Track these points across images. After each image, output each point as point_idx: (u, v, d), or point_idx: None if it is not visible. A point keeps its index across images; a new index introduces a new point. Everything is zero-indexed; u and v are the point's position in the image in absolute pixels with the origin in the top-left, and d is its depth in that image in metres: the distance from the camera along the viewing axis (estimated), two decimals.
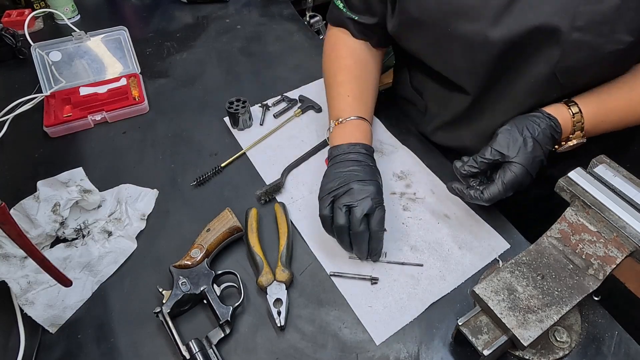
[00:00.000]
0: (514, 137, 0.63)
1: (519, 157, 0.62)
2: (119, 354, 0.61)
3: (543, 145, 0.64)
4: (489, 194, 0.64)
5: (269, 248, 0.71)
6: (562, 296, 0.54)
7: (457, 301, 0.64)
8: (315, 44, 1.15)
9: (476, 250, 0.70)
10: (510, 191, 0.63)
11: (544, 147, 0.64)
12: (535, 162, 0.63)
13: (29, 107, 0.92)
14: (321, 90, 0.99)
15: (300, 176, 0.82)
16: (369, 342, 0.61)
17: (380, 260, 0.69)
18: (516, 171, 0.62)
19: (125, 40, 1.04)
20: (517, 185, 0.63)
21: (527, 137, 0.63)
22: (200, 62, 1.10)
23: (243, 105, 0.89)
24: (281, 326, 0.61)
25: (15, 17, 1.19)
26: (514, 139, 0.63)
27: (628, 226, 0.53)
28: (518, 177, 0.62)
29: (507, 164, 0.63)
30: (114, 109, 0.93)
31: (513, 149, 0.63)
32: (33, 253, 0.55)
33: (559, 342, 0.57)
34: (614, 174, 0.59)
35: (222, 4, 1.30)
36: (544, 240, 0.60)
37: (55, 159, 0.87)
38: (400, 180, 0.80)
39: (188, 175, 0.82)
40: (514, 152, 0.63)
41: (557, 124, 0.64)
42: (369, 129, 0.76)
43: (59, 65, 1.00)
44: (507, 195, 0.64)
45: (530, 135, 0.63)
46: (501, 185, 0.63)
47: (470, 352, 0.57)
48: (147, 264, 0.70)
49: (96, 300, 0.66)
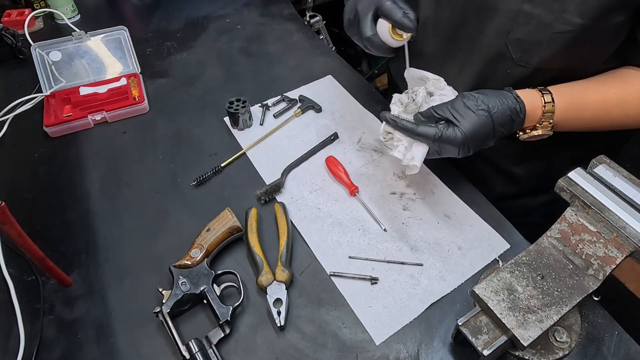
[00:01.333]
0: (468, 104, 0.62)
1: (464, 124, 0.61)
2: (119, 354, 0.61)
3: (497, 124, 0.61)
4: (423, 130, 0.62)
5: (269, 248, 0.71)
6: (562, 296, 0.54)
7: (457, 301, 0.64)
8: (315, 44, 1.15)
9: (476, 250, 0.70)
10: (440, 145, 0.62)
11: (497, 126, 0.61)
12: (478, 136, 0.61)
13: (29, 107, 0.92)
14: (321, 90, 0.99)
15: (300, 176, 0.82)
16: (369, 342, 0.61)
17: (381, 260, 0.69)
18: (456, 134, 0.61)
19: (125, 40, 1.04)
20: (450, 146, 0.62)
21: (482, 110, 0.61)
22: (200, 62, 1.10)
23: (243, 105, 0.89)
24: (281, 326, 0.61)
25: (15, 16, 1.19)
26: (468, 106, 0.62)
27: (628, 226, 0.53)
28: (457, 139, 0.61)
29: (454, 125, 0.62)
30: (114, 108, 0.93)
31: (461, 115, 0.61)
32: (33, 253, 0.55)
33: (558, 342, 0.57)
34: (614, 174, 0.59)
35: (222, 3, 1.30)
36: (544, 241, 0.60)
37: (55, 159, 0.87)
38: (400, 180, 0.80)
39: (188, 175, 0.82)
40: (461, 118, 0.61)
41: (521, 108, 0.62)
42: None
43: (59, 65, 1.00)
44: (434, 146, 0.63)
45: (486, 109, 0.61)
46: (436, 132, 0.61)
47: (470, 352, 0.57)
48: (147, 264, 0.70)
49: (96, 300, 0.66)
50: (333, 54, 1.14)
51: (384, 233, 0.72)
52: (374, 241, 0.71)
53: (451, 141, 0.61)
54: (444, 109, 0.63)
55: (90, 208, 0.78)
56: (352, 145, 0.87)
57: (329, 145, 0.87)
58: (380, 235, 0.72)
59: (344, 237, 0.72)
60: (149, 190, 0.81)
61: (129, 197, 0.80)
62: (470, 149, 0.62)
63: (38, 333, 0.62)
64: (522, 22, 0.61)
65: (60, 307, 0.65)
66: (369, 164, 0.83)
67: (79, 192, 0.81)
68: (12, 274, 0.64)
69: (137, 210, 0.78)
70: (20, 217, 0.57)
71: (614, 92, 0.64)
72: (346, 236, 0.72)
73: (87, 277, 0.69)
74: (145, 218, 0.76)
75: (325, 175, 0.82)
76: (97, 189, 0.81)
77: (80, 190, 0.81)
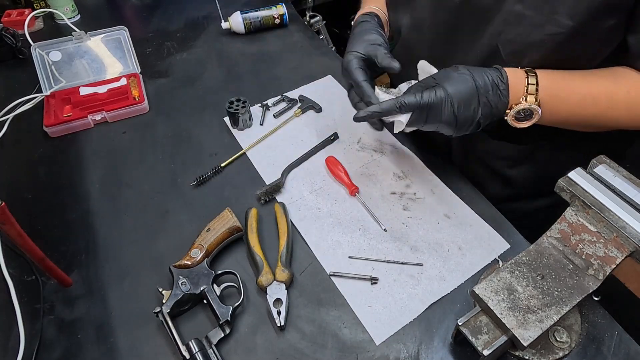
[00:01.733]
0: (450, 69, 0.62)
1: (446, 84, 0.60)
2: (119, 354, 0.61)
3: (480, 87, 0.60)
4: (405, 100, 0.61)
5: (269, 248, 0.71)
6: (562, 296, 0.54)
7: (457, 301, 0.64)
8: (315, 44, 1.15)
9: (476, 250, 0.70)
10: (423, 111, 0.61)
11: (480, 89, 0.60)
12: (462, 96, 0.60)
13: (29, 107, 0.92)
14: (321, 90, 0.99)
15: (300, 176, 0.82)
16: (369, 342, 0.61)
17: (381, 260, 0.69)
18: (439, 93, 0.60)
19: (125, 40, 1.04)
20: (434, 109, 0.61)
21: (465, 73, 0.61)
22: (200, 62, 1.10)
23: (243, 105, 0.89)
24: (281, 326, 0.61)
25: (15, 17, 1.19)
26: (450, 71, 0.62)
27: (628, 226, 0.53)
28: (439, 98, 0.60)
29: (436, 87, 0.61)
30: (114, 108, 0.93)
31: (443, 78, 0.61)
32: (33, 253, 0.55)
33: (558, 342, 0.57)
34: (614, 174, 0.59)
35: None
36: (544, 241, 0.60)
37: (55, 159, 0.87)
38: (400, 180, 0.80)
39: (188, 175, 0.82)
40: (442, 80, 0.61)
41: (503, 74, 0.61)
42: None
43: (59, 65, 1.00)
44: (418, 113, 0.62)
45: (468, 72, 0.61)
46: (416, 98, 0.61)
47: (470, 352, 0.57)
48: (147, 264, 0.70)
49: (96, 300, 0.66)
50: (333, 54, 1.14)
51: (384, 233, 0.72)
52: (374, 241, 0.71)
53: (433, 102, 0.60)
54: (427, 78, 0.64)
55: (90, 208, 0.78)
56: (352, 145, 0.87)
57: (329, 145, 0.87)
58: (380, 235, 0.72)
59: (344, 237, 0.72)
60: (149, 190, 0.81)
61: (129, 197, 0.80)
62: (455, 115, 0.61)
63: (38, 333, 0.62)
64: (513, 23, 0.61)
65: (60, 307, 0.65)
66: (369, 164, 0.83)
67: (79, 192, 0.81)
68: (12, 274, 0.64)
69: (137, 210, 0.78)
70: (20, 217, 0.57)
71: (603, 82, 0.63)
72: (346, 236, 0.72)
73: (87, 277, 0.69)
74: (145, 218, 0.76)
75: (325, 175, 0.82)
76: (97, 189, 0.81)
77: (80, 190, 0.81)
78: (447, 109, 0.61)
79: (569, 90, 0.63)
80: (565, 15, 0.57)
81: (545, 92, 0.62)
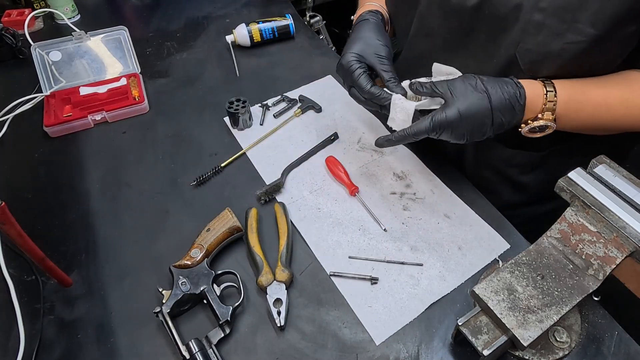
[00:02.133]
0: (467, 83, 0.61)
1: (460, 102, 0.60)
2: (119, 354, 0.61)
3: (495, 107, 0.60)
4: (416, 128, 0.62)
5: (269, 248, 0.71)
6: (562, 296, 0.54)
7: (457, 301, 0.64)
8: (315, 44, 1.15)
9: (476, 250, 0.70)
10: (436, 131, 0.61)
11: (495, 110, 0.60)
12: (474, 116, 0.60)
13: (29, 107, 0.92)
14: (321, 90, 0.99)
15: (300, 176, 0.82)
16: (369, 342, 0.61)
17: (381, 260, 0.69)
18: (450, 112, 0.60)
19: (125, 40, 1.04)
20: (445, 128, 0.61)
21: (481, 91, 0.60)
22: (200, 62, 1.10)
23: (243, 105, 0.89)
24: (281, 326, 0.61)
25: (15, 16, 1.19)
26: (466, 85, 0.61)
27: (628, 226, 0.53)
28: (450, 117, 0.60)
29: (447, 106, 0.61)
30: (114, 108, 0.93)
31: (458, 93, 0.60)
32: (33, 253, 0.55)
33: (558, 342, 0.57)
34: (614, 174, 0.59)
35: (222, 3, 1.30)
36: (544, 241, 0.60)
37: (55, 159, 0.87)
38: (400, 180, 0.80)
39: (188, 175, 0.82)
40: (457, 95, 0.60)
41: (521, 93, 0.60)
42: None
43: (59, 65, 1.00)
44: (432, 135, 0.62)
45: (484, 90, 0.60)
46: (429, 122, 0.61)
47: (470, 352, 0.57)
48: (147, 264, 0.70)
49: (96, 300, 0.66)
50: (333, 54, 1.13)
51: (384, 233, 0.72)
52: (374, 241, 0.71)
53: (445, 120, 0.60)
54: (443, 84, 0.62)
55: (90, 208, 0.78)
56: (352, 145, 0.87)
57: (329, 145, 0.87)
58: (380, 235, 0.72)
59: (344, 237, 0.72)
60: (149, 190, 0.81)
61: (129, 197, 0.80)
62: (465, 133, 0.61)
63: (38, 333, 0.62)
64: (532, 32, 0.60)
65: (60, 307, 0.65)
66: (369, 164, 0.83)
67: (79, 192, 0.81)
68: (12, 274, 0.64)
69: (137, 210, 0.78)
70: (20, 217, 0.57)
71: (617, 89, 0.63)
72: (346, 236, 0.72)
73: (87, 277, 0.69)
74: (145, 218, 0.76)
75: (325, 175, 0.82)
76: (97, 189, 0.81)
77: (80, 190, 0.81)
78: (460, 129, 0.61)
79: (584, 100, 0.63)
80: (588, 23, 0.56)
81: (563, 107, 0.62)
